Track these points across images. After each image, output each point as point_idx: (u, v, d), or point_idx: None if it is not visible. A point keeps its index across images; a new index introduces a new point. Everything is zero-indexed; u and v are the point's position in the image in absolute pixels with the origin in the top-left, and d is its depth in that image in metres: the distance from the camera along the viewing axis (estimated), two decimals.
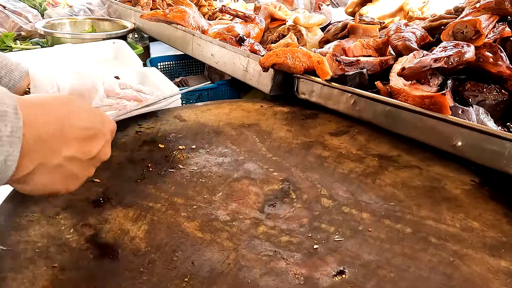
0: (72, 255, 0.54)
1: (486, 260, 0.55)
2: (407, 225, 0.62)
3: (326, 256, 0.55)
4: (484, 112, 0.85)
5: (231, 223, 0.62)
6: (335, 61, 1.02)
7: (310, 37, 1.39)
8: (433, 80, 0.91)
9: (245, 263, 0.54)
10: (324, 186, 0.72)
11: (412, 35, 1.07)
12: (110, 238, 0.57)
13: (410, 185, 0.73)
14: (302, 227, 0.61)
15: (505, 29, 0.97)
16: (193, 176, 0.74)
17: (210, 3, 2.01)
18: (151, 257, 0.54)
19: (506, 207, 0.67)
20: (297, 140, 0.89)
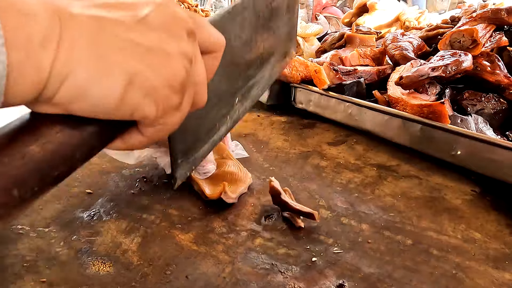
0: (61, 269, 0.52)
1: (489, 273, 0.54)
2: (407, 237, 0.61)
3: (325, 269, 0.54)
4: (483, 121, 0.84)
5: (227, 235, 0.60)
6: (332, 71, 1.01)
7: (307, 46, 1.39)
8: (431, 89, 0.90)
9: (241, 276, 0.52)
10: (322, 197, 0.70)
11: (409, 44, 1.07)
12: (102, 251, 0.55)
13: (409, 195, 0.72)
14: (300, 239, 0.60)
15: (502, 39, 0.97)
16: (188, 187, 0.72)
17: (207, 13, 2.02)
18: (144, 271, 0.52)
19: (508, 218, 0.66)
20: (294, 150, 0.88)
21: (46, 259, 0.53)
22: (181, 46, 0.28)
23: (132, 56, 0.25)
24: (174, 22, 0.28)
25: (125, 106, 0.25)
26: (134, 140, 0.29)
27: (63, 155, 0.24)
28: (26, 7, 0.21)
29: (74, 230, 0.59)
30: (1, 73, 0.20)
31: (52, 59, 0.22)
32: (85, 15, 0.24)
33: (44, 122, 0.24)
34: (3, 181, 0.21)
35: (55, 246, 0.56)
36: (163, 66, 0.26)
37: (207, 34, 0.31)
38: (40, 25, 0.22)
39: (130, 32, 0.25)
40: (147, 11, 0.27)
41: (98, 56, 0.24)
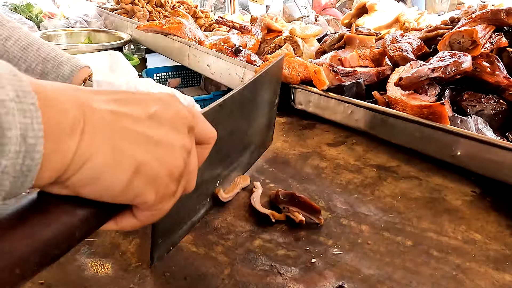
0: (59, 271, 0.52)
1: (490, 274, 0.54)
2: (407, 238, 0.60)
3: (325, 271, 0.53)
4: (483, 122, 0.84)
5: (226, 237, 0.60)
6: (331, 71, 1.01)
7: (306, 48, 1.39)
8: (430, 90, 0.90)
9: (241, 278, 0.52)
10: (321, 198, 0.70)
11: (409, 45, 1.07)
12: (101, 253, 0.55)
13: (409, 196, 0.72)
14: (299, 240, 0.59)
15: (501, 39, 0.97)
16: None
17: (207, 14, 2.02)
18: (143, 273, 0.52)
19: (508, 218, 0.66)
20: (294, 151, 0.88)
21: None
22: (183, 140, 0.31)
23: (142, 147, 0.28)
24: (178, 118, 0.31)
25: (130, 191, 0.28)
26: (127, 222, 0.32)
27: (65, 234, 0.26)
28: (61, 105, 0.25)
29: None
30: (37, 161, 0.23)
31: (76, 146, 0.25)
32: (104, 109, 0.27)
33: (52, 203, 0.26)
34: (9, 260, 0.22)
35: None
36: (167, 158, 0.30)
37: (203, 128, 0.35)
38: (70, 120, 0.25)
39: (141, 126, 0.29)
40: (156, 108, 0.30)
41: (113, 146, 0.27)
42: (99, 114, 0.27)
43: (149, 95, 0.32)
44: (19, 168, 0.22)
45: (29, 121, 0.23)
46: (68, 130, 0.24)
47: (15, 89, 0.23)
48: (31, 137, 0.23)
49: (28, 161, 0.23)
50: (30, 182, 0.23)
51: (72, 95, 0.26)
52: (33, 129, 0.23)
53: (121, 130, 0.27)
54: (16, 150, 0.22)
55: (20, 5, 2.08)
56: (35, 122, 0.23)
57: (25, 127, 0.22)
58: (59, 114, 0.24)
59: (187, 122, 0.32)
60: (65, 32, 1.94)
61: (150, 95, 0.32)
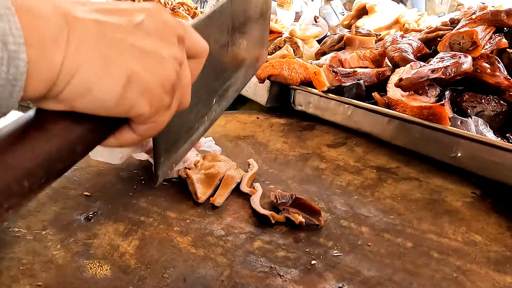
0: (58, 273, 0.51)
1: (491, 276, 0.53)
2: (407, 239, 0.60)
3: (325, 272, 0.53)
4: (483, 123, 0.84)
5: (226, 238, 0.59)
6: (331, 72, 1.01)
7: (306, 49, 1.39)
8: (430, 91, 0.90)
9: (240, 280, 0.51)
10: (321, 199, 0.70)
11: (409, 46, 1.07)
12: (99, 254, 0.55)
13: (410, 197, 0.71)
14: (299, 241, 0.59)
15: (501, 40, 0.97)
16: (186, 189, 0.71)
17: None
18: (141, 274, 0.52)
19: (509, 220, 0.65)
20: (293, 152, 0.88)
21: (42, 262, 0.53)
22: (172, 50, 0.30)
23: (131, 58, 0.27)
24: (166, 28, 0.30)
25: (123, 103, 0.27)
26: (126, 137, 0.31)
27: (66, 149, 0.27)
28: (40, 11, 0.24)
29: (71, 233, 0.58)
30: (22, 69, 0.22)
31: (62, 57, 0.24)
32: (88, 18, 0.26)
33: (49, 118, 0.26)
34: (16, 173, 0.24)
35: (52, 249, 0.55)
36: (157, 69, 0.29)
37: (193, 40, 0.34)
38: (52, 27, 0.24)
39: (129, 36, 0.28)
40: (142, 17, 0.29)
41: (101, 56, 0.26)
42: (83, 23, 0.26)
43: (133, 5, 0.30)
44: (5, 76, 0.22)
45: (6, 26, 0.22)
46: (51, 38, 0.24)
47: None
48: (12, 43, 0.22)
49: (13, 69, 0.22)
50: (19, 92, 0.23)
51: (51, 2, 0.25)
52: (13, 34, 0.22)
53: (108, 40, 0.26)
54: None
55: None
56: (14, 27, 0.22)
57: (3, 32, 0.22)
58: (38, 20, 0.23)
59: (176, 32, 0.31)
60: None
61: (134, 5, 0.30)
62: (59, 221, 0.61)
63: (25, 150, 0.24)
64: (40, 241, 0.57)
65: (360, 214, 0.66)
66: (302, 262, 0.55)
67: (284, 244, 0.58)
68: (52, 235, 0.58)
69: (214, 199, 0.66)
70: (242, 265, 0.54)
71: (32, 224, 0.60)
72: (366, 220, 0.65)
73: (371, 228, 0.63)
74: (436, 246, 0.59)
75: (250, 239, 0.59)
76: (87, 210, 0.64)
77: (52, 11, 0.24)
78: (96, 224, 0.61)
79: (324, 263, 0.55)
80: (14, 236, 0.57)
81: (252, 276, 0.52)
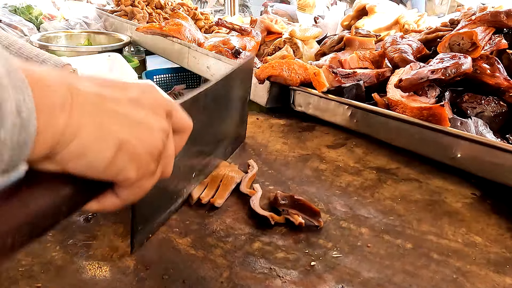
0: (57, 274, 0.51)
1: (490, 277, 0.53)
2: (407, 241, 0.60)
3: (324, 274, 0.53)
4: (483, 124, 0.84)
5: (225, 239, 0.59)
6: (331, 73, 1.01)
7: (306, 49, 1.38)
8: (430, 92, 0.90)
9: (239, 281, 0.51)
10: (321, 200, 0.70)
11: (408, 47, 1.06)
12: (99, 256, 0.55)
13: (409, 198, 0.71)
14: (299, 243, 0.59)
15: (501, 41, 0.97)
16: None
17: (207, 16, 2.02)
18: (141, 276, 0.52)
19: (509, 221, 0.65)
20: (293, 153, 0.88)
21: (41, 263, 0.53)
22: (161, 123, 0.34)
23: (124, 127, 0.30)
24: (157, 103, 0.34)
25: (113, 167, 0.30)
26: (109, 201, 0.34)
27: (52, 209, 0.28)
28: (49, 82, 0.26)
29: (70, 234, 0.58)
30: (32, 134, 0.25)
31: (66, 123, 0.27)
32: (90, 91, 0.29)
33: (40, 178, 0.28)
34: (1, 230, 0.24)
35: (51, 250, 0.55)
36: (147, 138, 0.32)
37: (180, 116, 0.37)
38: (59, 96, 0.27)
39: (123, 107, 0.31)
40: (135, 93, 0.33)
41: (99, 124, 0.29)
42: (85, 95, 0.29)
43: (130, 82, 0.34)
44: (16, 140, 0.24)
45: (21, 97, 0.24)
46: (58, 106, 0.26)
47: (5, 66, 0.24)
48: (25, 111, 0.24)
49: (24, 134, 0.24)
50: (26, 154, 0.25)
51: (58, 76, 0.28)
52: (26, 103, 0.24)
53: (105, 110, 0.29)
54: (13, 122, 0.23)
55: (20, 7, 2.08)
56: (27, 97, 0.24)
57: (19, 103, 0.24)
58: (48, 91, 0.26)
59: (165, 107, 0.35)
60: (64, 34, 1.94)
61: (130, 82, 0.34)
62: None
63: (13, 208, 0.25)
64: (39, 242, 0.56)
65: (359, 215, 0.66)
66: (301, 263, 0.55)
67: (284, 245, 0.58)
68: (51, 236, 0.58)
69: (214, 200, 0.66)
70: (241, 266, 0.54)
71: None
72: (366, 221, 0.65)
73: (370, 229, 0.63)
74: (436, 247, 0.59)
75: (250, 240, 0.59)
76: (86, 212, 0.64)
77: (59, 83, 0.27)
78: (96, 225, 0.61)
79: (324, 264, 0.55)
80: None
81: (251, 278, 0.52)
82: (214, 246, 0.57)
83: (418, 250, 0.58)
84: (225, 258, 0.55)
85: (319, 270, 0.54)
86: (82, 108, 0.28)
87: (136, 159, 0.31)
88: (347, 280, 0.52)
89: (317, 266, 0.54)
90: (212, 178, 0.72)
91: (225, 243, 0.58)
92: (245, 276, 0.52)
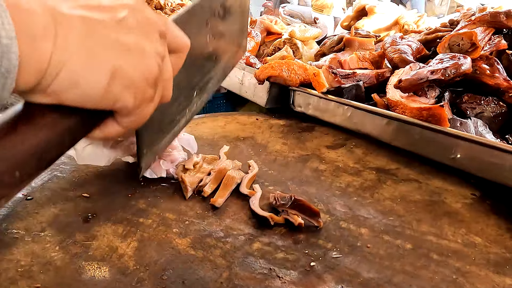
0: (56, 274, 0.51)
1: (490, 278, 0.53)
2: (407, 241, 0.60)
3: (324, 274, 0.53)
4: (482, 124, 0.84)
5: (225, 240, 0.59)
6: (331, 74, 1.01)
7: (306, 50, 1.39)
8: (430, 92, 0.90)
9: (239, 281, 0.51)
10: (321, 201, 0.70)
11: (408, 48, 1.07)
12: (98, 256, 0.55)
13: (409, 199, 0.71)
14: (298, 243, 0.59)
15: (501, 42, 0.97)
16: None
17: None
18: (140, 276, 0.51)
19: (508, 222, 0.65)
20: (293, 154, 0.88)
21: (41, 264, 0.53)
22: (155, 46, 0.31)
23: (115, 54, 0.28)
24: (148, 24, 0.31)
25: (109, 96, 0.28)
26: (111, 129, 0.33)
27: (55, 140, 0.28)
28: (29, 7, 0.24)
29: (69, 235, 0.58)
30: (14, 62, 0.23)
31: (51, 51, 0.25)
32: (74, 15, 0.27)
33: (37, 111, 0.27)
34: (8, 164, 0.25)
35: (50, 251, 0.55)
36: (140, 63, 0.30)
37: (175, 35, 0.35)
38: (40, 22, 0.25)
39: (112, 32, 0.29)
40: (124, 13, 0.30)
41: (86, 51, 0.27)
42: (68, 19, 0.27)
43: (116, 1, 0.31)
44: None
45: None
46: (41, 32, 0.25)
47: None
48: (4, 37, 0.23)
49: (6, 62, 0.23)
50: (11, 84, 0.24)
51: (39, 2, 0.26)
52: (5, 29, 0.23)
53: (93, 36, 0.27)
54: None
55: None
56: (6, 22, 0.23)
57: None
58: (28, 15, 0.24)
59: (158, 28, 0.32)
60: None
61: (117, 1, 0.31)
62: (57, 223, 0.61)
63: (16, 143, 0.25)
64: (38, 242, 0.56)
65: (359, 215, 0.66)
66: (301, 263, 0.55)
67: (283, 246, 0.58)
68: (51, 237, 0.58)
69: (214, 200, 0.66)
70: (241, 267, 0.54)
71: (31, 226, 0.60)
72: (366, 221, 0.65)
73: (370, 229, 0.62)
74: (436, 247, 0.59)
75: (249, 240, 0.59)
76: (85, 212, 0.64)
77: (40, 7, 0.25)
78: (95, 226, 0.61)
79: (323, 264, 0.55)
80: (12, 237, 0.57)
81: (251, 278, 0.52)
82: (214, 247, 0.57)
83: (417, 250, 0.58)
84: (225, 259, 0.55)
85: (319, 270, 0.54)
86: (67, 33, 0.26)
87: (132, 86, 0.30)
88: (347, 280, 0.52)
89: (316, 267, 0.54)
90: (217, 172, 0.72)
91: (224, 244, 0.58)
92: (245, 276, 0.52)
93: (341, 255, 0.57)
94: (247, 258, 0.55)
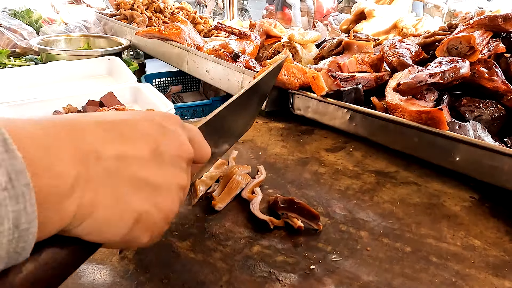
0: None
1: (490, 281, 0.53)
2: (406, 244, 0.60)
3: (323, 277, 0.53)
4: (481, 128, 0.84)
5: (225, 243, 0.59)
6: (330, 77, 1.01)
7: (305, 53, 1.39)
8: (429, 95, 0.90)
9: (239, 285, 0.51)
10: (320, 204, 0.70)
11: (407, 51, 1.07)
12: (98, 259, 0.55)
13: (408, 202, 0.72)
14: (298, 246, 0.59)
15: (499, 45, 0.97)
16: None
17: (206, 20, 2.03)
18: (140, 279, 0.52)
19: (507, 224, 0.65)
20: (292, 157, 0.88)
21: None
22: (181, 178, 0.32)
23: (143, 197, 0.29)
24: (180, 153, 0.32)
25: (128, 237, 0.29)
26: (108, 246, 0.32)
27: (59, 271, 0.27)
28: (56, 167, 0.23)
29: None
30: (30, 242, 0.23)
31: (76, 206, 0.25)
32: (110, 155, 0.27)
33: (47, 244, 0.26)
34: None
35: None
36: (165, 203, 0.31)
37: (200, 148, 0.35)
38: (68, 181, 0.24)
39: (145, 170, 0.29)
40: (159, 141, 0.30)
41: (116, 197, 0.27)
42: (104, 164, 0.26)
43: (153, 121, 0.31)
44: (13, 251, 0.22)
45: (21, 206, 0.22)
46: (67, 192, 0.24)
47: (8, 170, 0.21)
48: (24, 222, 0.22)
49: (22, 244, 0.22)
50: (25, 256, 0.23)
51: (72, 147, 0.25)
52: (27, 213, 0.22)
53: (124, 178, 0.27)
54: (8, 240, 0.22)
55: (20, 10, 2.09)
56: (28, 204, 0.22)
57: (18, 215, 0.22)
58: (56, 179, 0.23)
59: (187, 156, 0.33)
60: (64, 38, 1.94)
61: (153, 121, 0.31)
62: None
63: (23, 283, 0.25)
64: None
65: (359, 218, 0.66)
66: (301, 267, 0.55)
67: (283, 249, 0.58)
68: None
69: (215, 203, 0.66)
70: (241, 270, 0.54)
71: None
72: (365, 224, 0.65)
73: (370, 232, 0.63)
74: (435, 250, 0.59)
75: (249, 244, 0.59)
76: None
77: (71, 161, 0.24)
78: None
79: (323, 268, 0.55)
80: None
81: (251, 281, 0.52)
82: (214, 250, 0.58)
83: (417, 253, 0.58)
84: (225, 262, 0.55)
85: (319, 273, 0.54)
86: (98, 182, 0.26)
87: (152, 228, 0.30)
88: (347, 283, 0.52)
89: (316, 270, 0.54)
90: (225, 177, 0.72)
91: (224, 247, 0.58)
92: (245, 279, 0.52)
93: (341, 258, 0.57)
94: (247, 261, 0.56)
